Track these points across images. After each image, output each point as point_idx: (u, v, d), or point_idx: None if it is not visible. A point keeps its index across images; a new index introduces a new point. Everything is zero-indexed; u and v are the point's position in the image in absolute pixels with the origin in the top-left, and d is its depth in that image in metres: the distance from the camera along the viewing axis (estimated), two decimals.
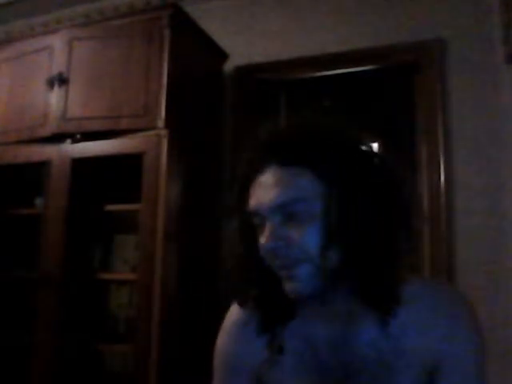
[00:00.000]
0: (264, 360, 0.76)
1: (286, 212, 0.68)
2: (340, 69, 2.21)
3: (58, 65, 1.99)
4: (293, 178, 0.69)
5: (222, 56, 2.26)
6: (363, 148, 0.72)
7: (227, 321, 0.84)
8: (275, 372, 0.75)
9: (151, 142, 1.79)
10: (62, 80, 1.95)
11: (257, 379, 0.77)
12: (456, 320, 0.71)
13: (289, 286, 0.69)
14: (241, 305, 0.80)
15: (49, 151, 1.97)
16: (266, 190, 0.69)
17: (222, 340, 0.84)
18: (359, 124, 0.74)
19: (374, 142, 3.63)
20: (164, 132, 1.79)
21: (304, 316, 0.76)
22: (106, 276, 2.05)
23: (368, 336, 0.72)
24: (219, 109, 2.27)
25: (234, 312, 0.83)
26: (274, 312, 0.77)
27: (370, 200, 0.67)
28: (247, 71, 2.31)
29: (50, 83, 1.97)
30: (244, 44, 2.32)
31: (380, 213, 0.67)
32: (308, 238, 0.67)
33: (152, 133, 1.80)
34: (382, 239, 0.67)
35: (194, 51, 2.07)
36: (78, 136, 1.92)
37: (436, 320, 0.71)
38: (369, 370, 0.70)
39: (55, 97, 1.96)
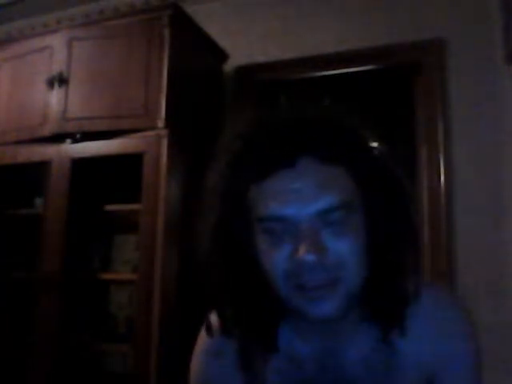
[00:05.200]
0: None
1: (329, 218, 0.58)
2: (340, 69, 2.21)
3: (58, 65, 1.99)
4: (336, 179, 0.59)
5: (222, 56, 2.26)
6: (376, 145, 0.66)
7: (200, 348, 0.78)
8: None
9: (151, 142, 1.79)
10: (61, 80, 1.95)
11: None
12: (453, 330, 0.68)
13: (315, 308, 0.59)
14: (209, 334, 0.73)
15: (49, 151, 1.97)
16: (301, 190, 0.58)
17: (196, 370, 0.76)
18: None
19: (374, 142, 3.63)
20: (164, 132, 1.78)
21: (285, 332, 0.70)
22: (106, 276, 2.05)
23: (359, 352, 0.67)
24: (219, 109, 2.27)
25: (206, 338, 0.76)
26: (254, 345, 0.69)
27: (396, 210, 0.63)
28: (247, 71, 2.31)
29: (50, 83, 1.97)
30: (244, 44, 2.32)
31: (404, 224, 0.63)
32: (349, 248, 0.58)
33: (152, 133, 1.80)
34: (406, 252, 0.64)
35: (194, 51, 2.07)
36: (78, 136, 1.92)
37: (431, 329, 0.67)
38: None
39: (55, 97, 1.96)
